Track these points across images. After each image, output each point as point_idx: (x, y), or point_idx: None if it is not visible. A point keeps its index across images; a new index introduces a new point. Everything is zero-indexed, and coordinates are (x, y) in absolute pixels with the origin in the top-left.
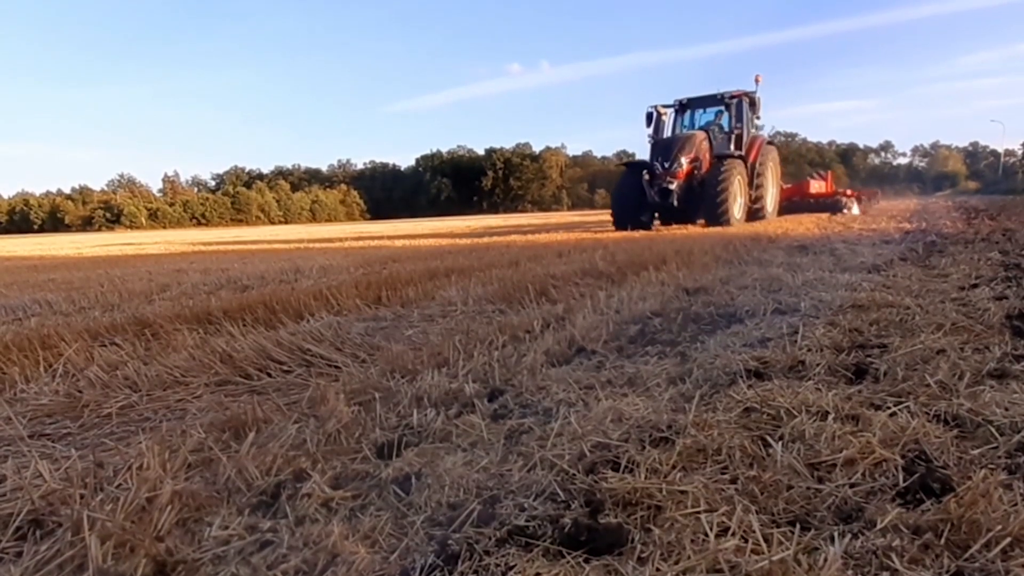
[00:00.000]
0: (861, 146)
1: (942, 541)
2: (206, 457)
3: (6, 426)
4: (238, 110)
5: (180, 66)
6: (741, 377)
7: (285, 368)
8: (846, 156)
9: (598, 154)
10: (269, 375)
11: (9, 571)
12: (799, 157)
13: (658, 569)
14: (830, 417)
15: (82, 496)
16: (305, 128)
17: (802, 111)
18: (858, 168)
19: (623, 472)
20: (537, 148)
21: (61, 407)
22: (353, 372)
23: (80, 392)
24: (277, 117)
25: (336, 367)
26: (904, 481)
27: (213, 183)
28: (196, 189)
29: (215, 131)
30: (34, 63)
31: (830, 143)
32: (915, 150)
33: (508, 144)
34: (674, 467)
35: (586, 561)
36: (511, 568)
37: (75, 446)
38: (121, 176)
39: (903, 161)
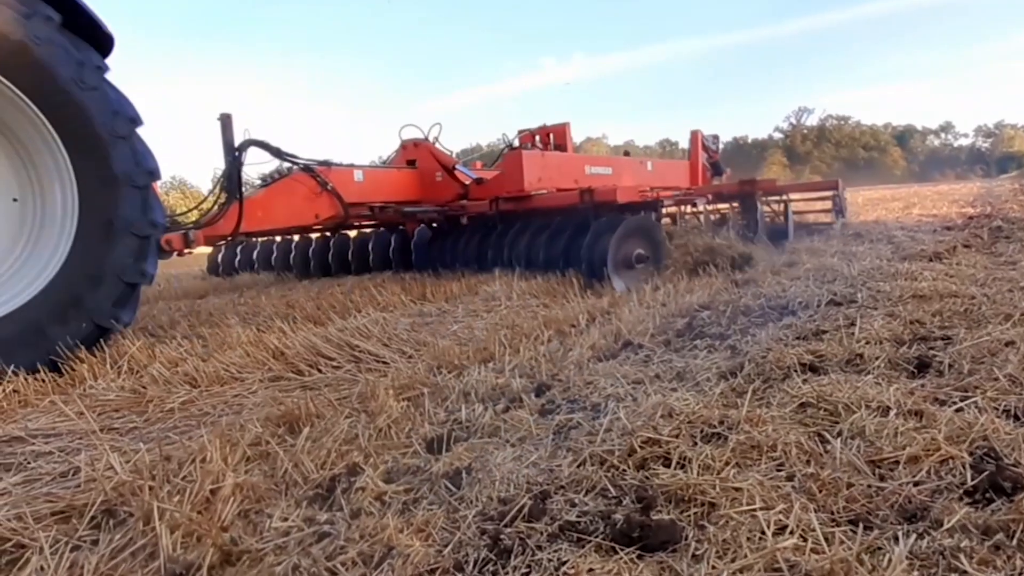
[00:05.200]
0: (919, 127)
1: (1014, 542)
2: (263, 451)
3: (79, 420)
4: (271, 109)
5: (213, 65)
6: (795, 371)
7: (335, 364)
8: (903, 138)
9: (640, 144)
10: (320, 371)
11: (87, 558)
12: (852, 141)
13: (714, 567)
14: (892, 413)
15: (151, 488)
16: (339, 127)
17: (854, 95)
18: (916, 151)
19: (675, 468)
20: (577, 140)
21: (127, 402)
22: (401, 367)
23: (144, 388)
24: (309, 117)
25: (384, 362)
26: (972, 479)
27: None
28: None
29: (253, 130)
30: None
31: (885, 125)
32: (978, 130)
33: None
34: (727, 463)
35: (639, 558)
36: (564, 563)
37: (142, 439)
38: (172, 179)
39: (965, 142)
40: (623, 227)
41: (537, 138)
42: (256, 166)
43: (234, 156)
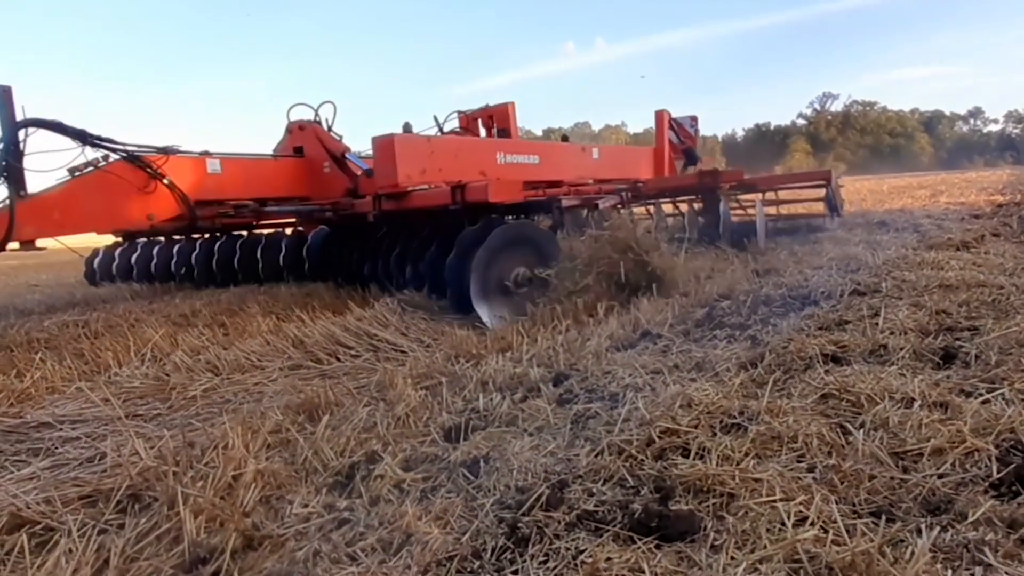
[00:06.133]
0: (947, 113)
1: None
2: (284, 438)
3: (104, 406)
4: (292, 98)
5: (245, 56)
6: (817, 362)
7: (353, 353)
8: (930, 124)
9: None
10: (338, 359)
11: (114, 541)
12: (878, 127)
13: (732, 558)
14: (916, 404)
15: (175, 473)
16: (361, 116)
17: (881, 79)
18: (944, 137)
19: (694, 458)
20: (596, 127)
21: (151, 389)
22: (419, 356)
23: (167, 375)
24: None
25: (402, 351)
26: (998, 472)
27: None
28: None
29: (280, 117)
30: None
31: (912, 111)
32: (1008, 116)
33: (567, 124)
34: (747, 454)
35: (657, 547)
36: (581, 552)
37: (166, 426)
38: None
39: (994, 128)
40: (494, 237)
41: (480, 122)
42: (58, 154)
43: (9, 142)
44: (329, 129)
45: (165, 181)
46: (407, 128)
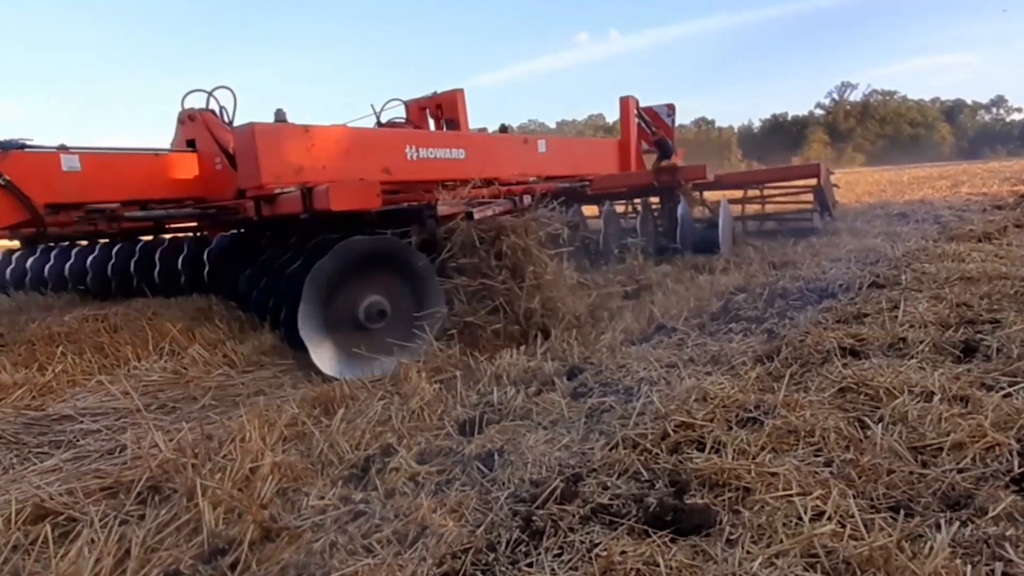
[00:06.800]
0: (969, 102)
1: None
2: (300, 431)
3: (124, 399)
4: (307, 94)
5: (258, 49)
6: (835, 355)
7: None
8: (952, 113)
9: (675, 123)
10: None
11: (135, 532)
12: (898, 117)
13: (748, 552)
14: (936, 398)
15: (194, 465)
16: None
17: (900, 68)
18: (965, 127)
19: (709, 452)
20: (610, 119)
21: (169, 382)
22: (433, 350)
23: (185, 369)
24: (347, 99)
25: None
26: (1019, 467)
27: None
28: None
29: (298, 110)
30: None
31: (933, 100)
32: None
33: (580, 116)
34: (763, 448)
35: (672, 541)
36: (596, 545)
37: (184, 419)
38: None
39: (1018, 117)
40: (334, 257)
41: (427, 112)
42: None
43: None
44: (230, 121)
45: (1, 181)
46: (280, 116)
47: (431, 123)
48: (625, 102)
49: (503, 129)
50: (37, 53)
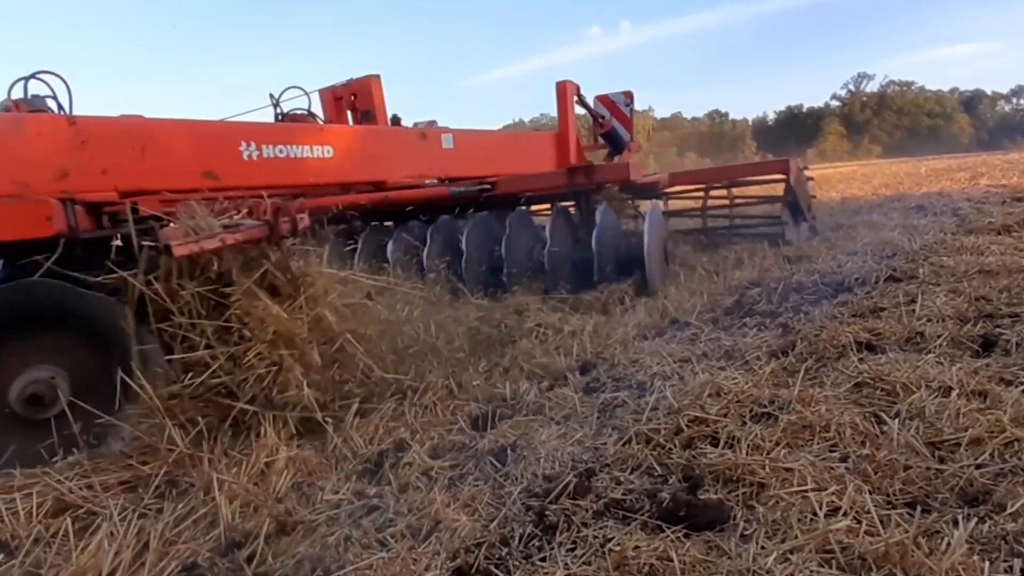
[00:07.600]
0: (988, 92)
1: None
2: (314, 426)
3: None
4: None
5: (268, 49)
6: (851, 350)
7: None
8: (971, 104)
9: (688, 116)
10: None
11: (153, 525)
12: (915, 108)
13: (763, 547)
14: (953, 393)
15: (210, 460)
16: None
17: (917, 58)
18: (985, 117)
19: (723, 447)
20: None
21: None
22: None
23: None
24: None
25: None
26: None
27: None
28: None
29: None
30: None
31: (952, 91)
32: None
33: None
34: (778, 444)
35: (686, 536)
36: (609, 540)
37: (199, 414)
38: None
39: None
40: None
41: (343, 102)
42: None
43: None
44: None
45: None
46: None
47: (349, 116)
48: (562, 87)
49: (395, 121)
50: None
